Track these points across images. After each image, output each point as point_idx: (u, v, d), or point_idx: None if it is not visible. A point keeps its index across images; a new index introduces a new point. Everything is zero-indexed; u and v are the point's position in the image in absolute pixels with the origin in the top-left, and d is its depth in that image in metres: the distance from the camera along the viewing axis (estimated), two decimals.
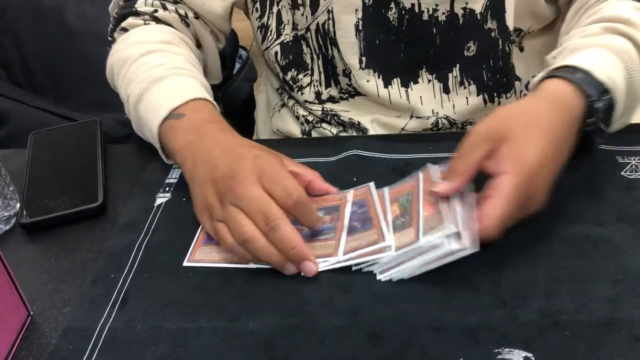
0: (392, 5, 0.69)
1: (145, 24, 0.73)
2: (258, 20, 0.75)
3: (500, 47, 0.71)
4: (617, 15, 0.59)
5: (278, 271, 0.50)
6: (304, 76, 0.77)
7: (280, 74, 0.78)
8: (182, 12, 0.73)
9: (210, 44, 0.77)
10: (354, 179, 0.60)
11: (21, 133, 0.75)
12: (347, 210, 0.54)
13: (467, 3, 0.68)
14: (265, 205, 0.49)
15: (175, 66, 0.66)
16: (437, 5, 0.68)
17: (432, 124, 0.74)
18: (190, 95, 0.62)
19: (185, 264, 0.52)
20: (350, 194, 0.57)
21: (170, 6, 0.73)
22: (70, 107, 1.03)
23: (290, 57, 0.76)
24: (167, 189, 0.62)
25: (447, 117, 0.74)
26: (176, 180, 0.63)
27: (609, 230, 0.51)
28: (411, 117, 0.75)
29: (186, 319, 0.47)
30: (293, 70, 0.77)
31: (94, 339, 0.46)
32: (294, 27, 0.74)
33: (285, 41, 0.75)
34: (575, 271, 0.48)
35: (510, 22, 0.70)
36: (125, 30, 0.73)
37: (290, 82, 0.78)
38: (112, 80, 0.73)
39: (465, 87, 0.73)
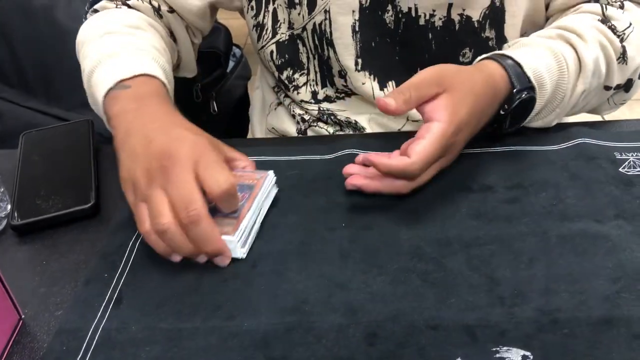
0: (389, 8, 0.69)
1: (116, 7, 0.73)
2: (253, 19, 0.75)
3: None
4: (575, 27, 0.63)
5: (275, 270, 0.50)
6: (300, 75, 0.76)
7: (276, 73, 0.77)
8: (155, 4, 0.73)
9: (184, 38, 0.76)
10: None
11: (12, 133, 0.74)
12: (260, 192, 0.55)
13: (464, 10, 0.68)
14: (191, 195, 0.49)
15: (134, 45, 0.65)
16: (434, 11, 0.68)
17: None
18: (141, 69, 0.61)
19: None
20: (268, 177, 0.56)
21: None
22: (63, 106, 1.02)
23: (286, 56, 0.75)
24: None
25: None
26: None
27: (607, 227, 0.51)
28: (407, 120, 0.75)
29: (181, 319, 0.47)
30: (289, 69, 0.76)
31: (87, 339, 0.46)
32: (290, 26, 0.73)
33: (281, 40, 0.74)
34: (573, 268, 0.48)
35: (510, 34, 0.69)
36: (96, 11, 0.73)
37: (286, 82, 0.77)
38: (78, 58, 0.72)
39: None
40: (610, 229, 0.51)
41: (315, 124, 0.79)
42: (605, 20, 0.65)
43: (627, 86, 0.68)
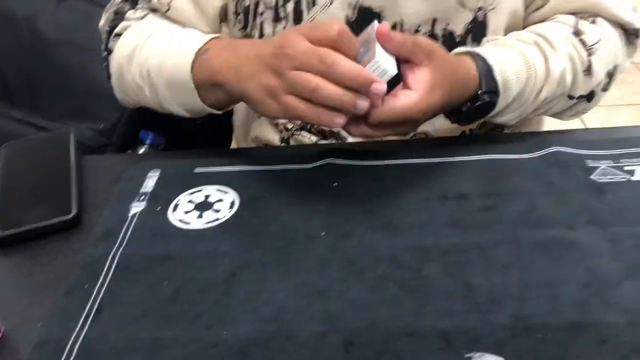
0: (375, 23, 0.70)
1: (139, 19, 0.74)
2: (241, 31, 0.75)
3: None
4: (549, 36, 0.67)
5: (255, 279, 0.51)
6: None
7: None
8: (171, 22, 0.74)
9: None
10: (335, 184, 0.61)
11: None
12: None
13: (447, 24, 0.70)
14: (317, 51, 0.53)
15: (183, 30, 0.70)
16: (419, 26, 0.69)
17: (411, 136, 0.75)
18: (206, 37, 0.65)
19: None
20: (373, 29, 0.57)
21: (159, 14, 0.74)
22: (46, 116, 1.02)
23: None
24: (142, 198, 0.62)
25: (425, 133, 0.75)
26: (151, 188, 0.63)
27: (579, 234, 0.52)
28: None
29: (161, 328, 0.47)
30: None
31: (67, 350, 0.46)
32: None
33: None
34: (546, 275, 0.49)
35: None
36: (119, 35, 0.74)
37: None
38: (121, 84, 0.74)
39: None
40: (582, 235, 0.52)
41: (298, 133, 0.80)
42: (577, 32, 0.67)
43: (590, 97, 0.70)
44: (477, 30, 0.70)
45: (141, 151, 0.94)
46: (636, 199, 0.56)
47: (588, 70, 0.67)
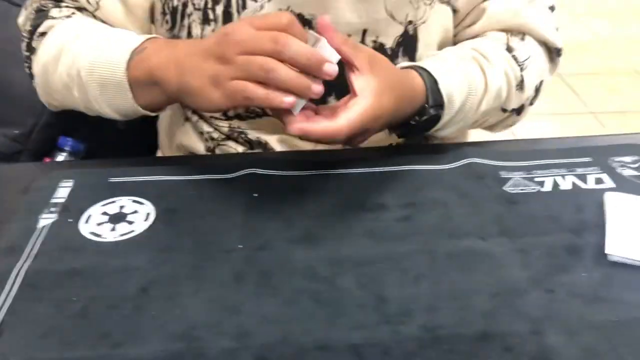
0: (306, 29, 0.70)
1: (62, 21, 0.71)
2: (168, 32, 0.74)
3: None
4: (486, 52, 0.70)
5: (166, 295, 0.49)
6: None
7: None
8: (98, 21, 0.72)
9: None
10: (255, 195, 0.60)
11: None
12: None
13: (378, 37, 0.70)
14: (268, 33, 0.52)
15: (117, 29, 0.68)
16: (349, 36, 0.70)
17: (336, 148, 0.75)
18: (142, 37, 0.63)
19: None
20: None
21: (86, 14, 0.72)
22: None
23: None
24: (52, 209, 0.59)
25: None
26: (63, 199, 0.60)
27: (490, 244, 0.54)
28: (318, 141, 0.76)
29: (66, 348, 0.45)
30: None
31: None
32: None
33: None
34: (456, 285, 0.50)
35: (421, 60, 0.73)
36: (44, 34, 0.71)
37: None
38: (46, 85, 0.71)
39: None
40: (493, 246, 0.54)
41: (224, 143, 0.78)
42: (509, 49, 0.71)
43: (519, 110, 0.74)
44: (408, 43, 0.71)
45: (60, 158, 0.90)
46: (545, 210, 0.58)
47: (520, 85, 0.71)
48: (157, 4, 0.72)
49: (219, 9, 0.69)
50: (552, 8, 0.76)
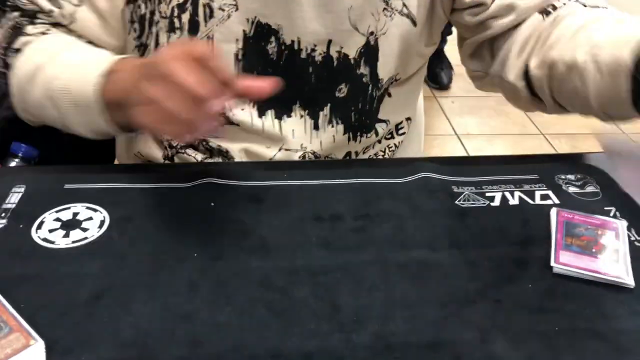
0: (273, 39, 0.71)
1: (37, 38, 0.70)
2: (136, 40, 0.73)
3: (369, 91, 0.75)
4: (613, 17, 0.65)
5: (119, 302, 0.49)
6: None
7: None
8: (74, 35, 0.71)
9: None
10: (212, 204, 0.60)
11: None
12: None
13: (342, 47, 0.72)
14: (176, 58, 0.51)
15: (89, 50, 0.68)
16: (315, 46, 0.71)
17: (299, 157, 0.76)
18: (113, 58, 0.63)
19: None
20: None
21: (61, 28, 0.71)
22: None
23: None
24: (3, 214, 0.58)
25: (313, 152, 0.77)
26: (14, 205, 0.59)
27: (441, 255, 0.55)
28: (280, 149, 0.76)
29: None
30: None
31: None
32: None
33: None
34: (408, 295, 0.51)
35: (383, 70, 0.74)
36: (19, 50, 0.70)
37: None
38: (22, 102, 0.71)
39: (333, 126, 0.76)
40: (443, 257, 0.55)
41: (182, 151, 0.78)
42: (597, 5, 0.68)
43: None
44: (369, 54, 0.73)
45: (12, 164, 0.88)
46: (493, 223, 0.60)
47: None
48: (126, 12, 0.72)
49: (185, 17, 0.69)
50: None
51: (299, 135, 0.76)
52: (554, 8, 0.70)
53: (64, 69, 0.65)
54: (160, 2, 0.69)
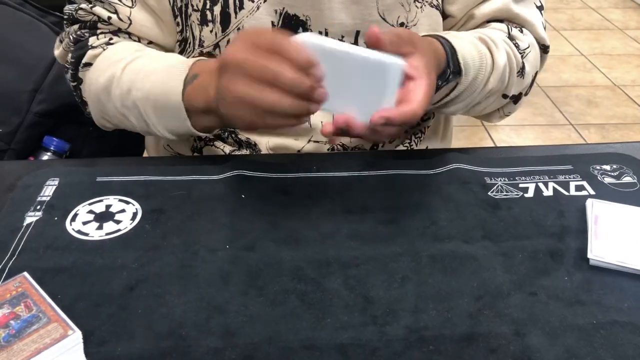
0: (300, 30, 0.70)
1: (104, 50, 0.72)
2: (179, 34, 0.74)
3: None
4: (490, 35, 0.72)
5: (153, 294, 0.49)
6: None
7: None
8: (134, 38, 0.73)
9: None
10: (242, 196, 0.61)
11: None
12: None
13: None
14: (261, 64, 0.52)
15: (159, 56, 0.69)
16: (342, 37, 0.71)
17: (328, 149, 0.76)
18: (189, 62, 0.64)
19: None
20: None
21: (122, 34, 0.73)
22: None
23: None
24: (38, 207, 0.59)
25: (342, 144, 0.76)
26: (49, 197, 0.60)
27: (474, 248, 0.55)
28: (309, 140, 0.76)
29: None
30: None
31: None
32: (200, 43, 0.73)
33: (195, 56, 0.74)
34: (441, 287, 0.51)
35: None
36: (89, 64, 0.72)
37: None
38: (101, 112, 0.73)
39: None
40: (477, 249, 0.55)
41: (211, 143, 0.79)
42: (511, 37, 0.73)
43: (517, 98, 0.76)
44: None
45: (45, 158, 0.89)
46: (527, 215, 0.59)
47: (521, 72, 0.73)
48: (168, 7, 0.72)
49: (217, 10, 0.69)
50: (540, 7, 0.78)
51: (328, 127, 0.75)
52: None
53: (142, 78, 0.65)
54: None
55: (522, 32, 0.75)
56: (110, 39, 0.72)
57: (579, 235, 0.56)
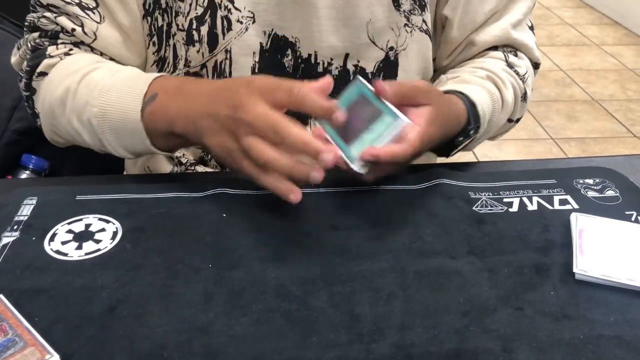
0: (289, 52, 0.70)
1: (61, 59, 0.69)
2: (155, 54, 0.73)
3: None
4: (496, 71, 0.74)
5: (134, 314, 0.48)
6: None
7: None
8: (97, 53, 0.71)
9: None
10: (224, 215, 0.60)
11: None
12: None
13: (359, 61, 0.71)
14: (271, 119, 0.53)
15: (117, 70, 0.66)
16: (331, 59, 0.71)
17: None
18: (148, 79, 0.63)
19: None
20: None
21: (84, 47, 0.70)
22: None
23: None
24: (15, 227, 0.57)
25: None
26: (26, 217, 0.59)
27: (460, 263, 0.54)
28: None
29: None
30: None
31: None
32: (186, 63, 0.72)
33: (177, 75, 0.73)
34: (428, 304, 0.50)
35: None
36: (44, 74, 0.69)
37: None
38: (52, 126, 0.70)
39: None
40: (462, 265, 0.54)
41: (192, 168, 0.78)
42: (510, 65, 0.75)
43: (518, 119, 0.80)
44: (389, 69, 0.73)
45: (23, 176, 0.88)
46: (512, 230, 0.59)
47: (524, 97, 0.76)
48: (144, 26, 0.71)
49: (204, 30, 0.69)
50: (531, 28, 0.80)
51: None
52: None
53: (98, 93, 0.63)
54: (177, 15, 0.69)
55: (516, 55, 0.77)
56: (70, 49, 0.69)
57: (564, 249, 0.56)
